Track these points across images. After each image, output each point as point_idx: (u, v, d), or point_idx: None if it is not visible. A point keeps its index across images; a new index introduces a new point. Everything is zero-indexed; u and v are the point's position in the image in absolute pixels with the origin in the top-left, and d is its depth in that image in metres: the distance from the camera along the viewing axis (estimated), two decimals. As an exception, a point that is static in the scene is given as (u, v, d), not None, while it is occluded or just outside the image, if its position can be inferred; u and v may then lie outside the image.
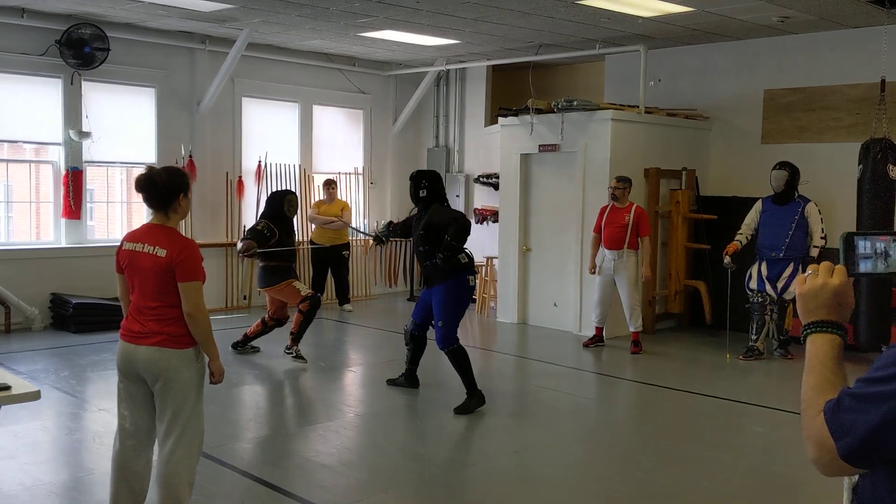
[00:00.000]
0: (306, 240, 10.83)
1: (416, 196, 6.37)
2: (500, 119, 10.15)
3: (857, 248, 1.64)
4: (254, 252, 7.35)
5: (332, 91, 11.60)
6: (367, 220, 12.01)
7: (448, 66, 11.64)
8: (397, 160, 12.42)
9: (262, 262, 7.56)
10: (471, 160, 12.07)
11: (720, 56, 9.75)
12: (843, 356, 1.61)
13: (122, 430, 3.82)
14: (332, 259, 10.56)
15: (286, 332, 7.83)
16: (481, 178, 11.75)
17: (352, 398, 7.02)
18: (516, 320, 10.01)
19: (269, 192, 10.64)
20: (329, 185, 10.72)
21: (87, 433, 5.71)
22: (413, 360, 6.77)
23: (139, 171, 3.87)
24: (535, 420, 6.23)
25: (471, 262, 6.37)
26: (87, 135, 9.32)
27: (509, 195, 10.08)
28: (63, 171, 9.30)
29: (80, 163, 9.42)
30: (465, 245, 6.23)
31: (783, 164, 8.05)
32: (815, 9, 7.88)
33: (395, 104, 12.40)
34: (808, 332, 1.64)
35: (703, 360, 8.24)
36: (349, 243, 10.79)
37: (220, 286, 10.39)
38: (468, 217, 6.54)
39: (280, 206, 7.59)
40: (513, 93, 11.50)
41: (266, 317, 7.93)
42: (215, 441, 5.19)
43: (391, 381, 6.92)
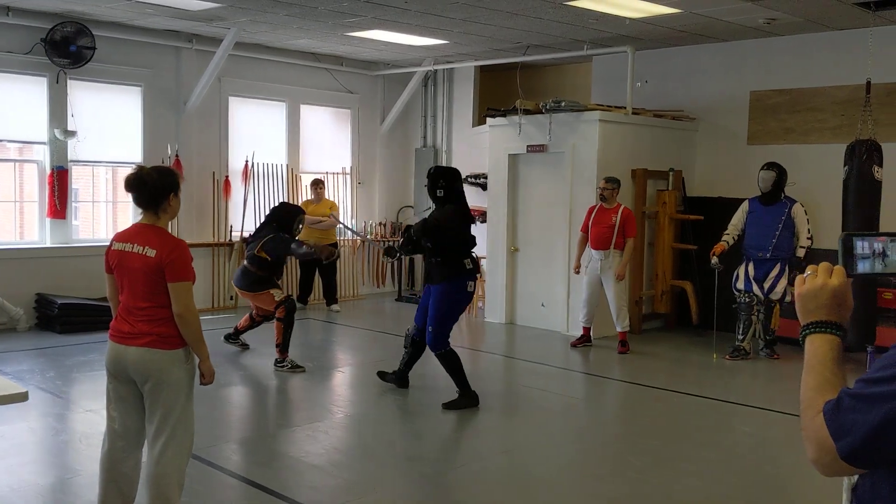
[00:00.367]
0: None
1: (434, 195, 6.28)
2: (488, 119, 10.16)
3: (856, 248, 1.65)
4: (338, 255, 7.38)
5: (319, 91, 11.56)
6: (354, 221, 11.98)
7: (436, 67, 11.63)
8: (385, 160, 12.41)
9: (253, 268, 7.52)
10: (459, 160, 12.03)
11: (707, 57, 9.79)
12: (842, 357, 1.61)
13: (111, 431, 3.78)
14: (320, 259, 10.50)
15: (273, 333, 7.77)
16: (469, 179, 11.71)
17: (340, 399, 7.01)
18: (504, 320, 10.02)
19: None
20: (317, 185, 10.69)
21: (73, 434, 5.66)
22: (408, 364, 6.74)
23: (125, 170, 3.86)
24: (524, 420, 6.24)
25: (475, 267, 6.34)
26: (72, 134, 9.25)
27: (497, 195, 10.09)
28: (48, 171, 9.23)
29: (66, 162, 9.34)
30: (449, 249, 6.17)
31: (771, 165, 8.10)
32: (801, 11, 7.93)
33: (382, 104, 12.37)
34: (808, 332, 1.64)
35: (691, 360, 8.27)
36: (337, 243, 10.76)
37: (206, 286, 10.34)
38: (467, 217, 6.38)
39: (291, 225, 7.60)
40: (501, 93, 11.50)
41: (253, 313, 7.98)
42: (205, 442, 5.16)
43: (382, 375, 6.88)
